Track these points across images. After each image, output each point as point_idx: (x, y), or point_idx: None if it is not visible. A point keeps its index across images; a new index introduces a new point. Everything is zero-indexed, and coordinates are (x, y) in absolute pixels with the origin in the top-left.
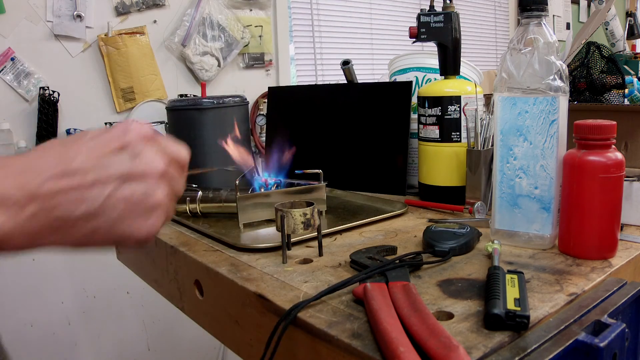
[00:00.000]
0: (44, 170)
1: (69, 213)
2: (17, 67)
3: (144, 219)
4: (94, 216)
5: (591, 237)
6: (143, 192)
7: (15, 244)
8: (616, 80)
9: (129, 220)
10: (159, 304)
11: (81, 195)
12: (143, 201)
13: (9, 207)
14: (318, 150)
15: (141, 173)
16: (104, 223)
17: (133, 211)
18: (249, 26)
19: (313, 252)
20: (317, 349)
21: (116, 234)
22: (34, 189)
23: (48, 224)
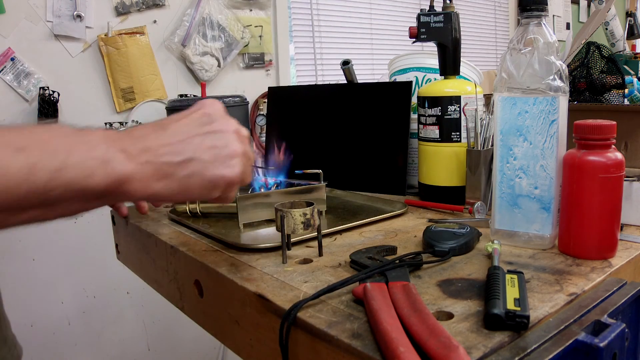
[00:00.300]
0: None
1: (171, 159)
2: (17, 67)
3: (227, 164)
4: (190, 161)
5: (591, 237)
6: (223, 143)
7: (135, 186)
8: (616, 80)
9: (216, 165)
10: (159, 304)
11: (178, 147)
12: (224, 149)
13: (129, 156)
14: (318, 150)
15: (220, 129)
16: (198, 167)
17: (218, 157)
18: (249, 26)
19: (313, 252)
20: (317, 349)
21: (208, 176)
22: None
23: (157, 170)
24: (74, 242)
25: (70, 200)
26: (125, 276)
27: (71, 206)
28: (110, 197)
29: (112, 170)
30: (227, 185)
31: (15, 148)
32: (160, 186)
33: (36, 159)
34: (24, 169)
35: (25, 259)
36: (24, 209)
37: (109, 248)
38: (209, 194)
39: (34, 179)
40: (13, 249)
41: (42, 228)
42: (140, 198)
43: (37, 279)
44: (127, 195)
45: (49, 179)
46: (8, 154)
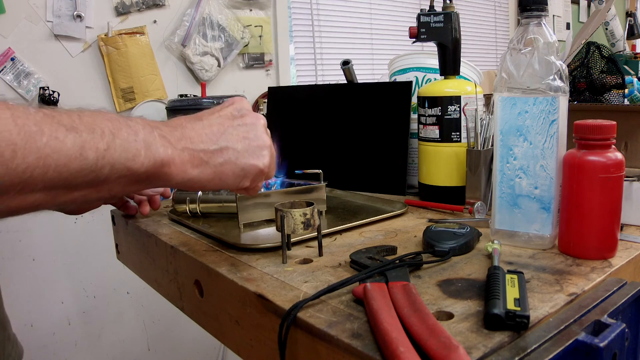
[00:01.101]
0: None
1: (207, 147)
2: (17, 67)
3: (258, 154)
4: (224, 150)
5: (591, 237)
6: (254, 135)
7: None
8: (616, 80)
9: (248, 154)
10: (159, 304)
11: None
12: (255, 140)
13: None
14: (318, 150)
15: (251, 122)
16: (232, 155)
17: (249, 147)
18: (249, 26)
19: (313, 252)
20: (317, 349)
21: (241, 164)
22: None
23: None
24: (74, 242)
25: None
26: (125, 276)
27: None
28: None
29: (154, 153)
30: (257, 174)
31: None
32: (196, 172)
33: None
34: (76, 147)
35: (25, 259)
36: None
37: (109, 248)
38: (241, 182)
39: (85, 157)
40: (13, 249)
41: (42, 228)
42: (179, 183)
43: (37, 279)
44: (166, 178)
45: (97, 158)
46: (62, 133)
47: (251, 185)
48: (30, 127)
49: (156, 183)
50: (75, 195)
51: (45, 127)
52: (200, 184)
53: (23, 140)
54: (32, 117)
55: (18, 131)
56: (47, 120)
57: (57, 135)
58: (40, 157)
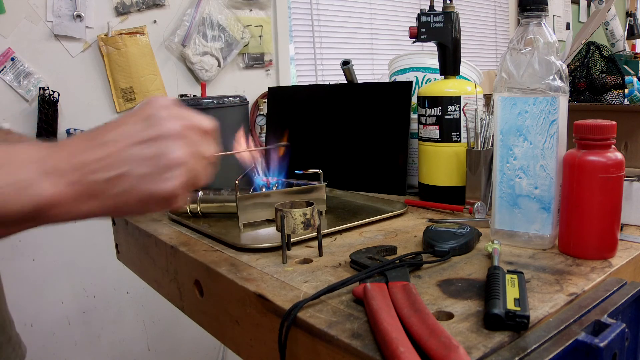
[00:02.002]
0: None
1: (101, 177)
2: (17, 67)
3: (164, 177)
4: (122, 177)
5: (591, 237)
6: (161, 152)
7: (59, 210)
8: (616, 80)
9: (151, 179)
10: (159, 304)
11: (109, 161)
12: (160, 159)
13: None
14: (318, 150)
15: (157, 135)
16: (130, 183)
17: (154, 170)
18: (249, 26)
19: (313, 252)
20: (317, 349)
21: (143, 193)
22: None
23: (86, 189)
24: (74, 242)
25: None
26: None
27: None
28: (32, 222)
29: (31, 197)
30: (164, 200)
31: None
32: (89, 206)
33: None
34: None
35: (25, 259)
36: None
37: (109, 248)
38: (148, 209)
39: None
40: (13, 249)
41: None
42: (67, 221)
43: (37, 279)
44: (51, 219)
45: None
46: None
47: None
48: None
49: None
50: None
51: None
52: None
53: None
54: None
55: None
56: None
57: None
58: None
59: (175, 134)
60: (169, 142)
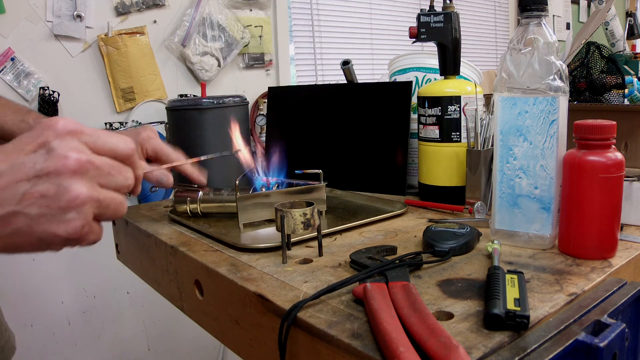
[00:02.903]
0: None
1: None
2: (17, 67)
3: (62, 216)
4: (13, 216)
5: (591, 237)
6: (56, 189)
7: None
8: (616, 80)
9: (48, 219)
10: (159, 304)
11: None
12: (58, 198)
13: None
14: (318, 150)
15: (54, 169)
16: (24, 223)
17: (50, 209)
18: (249, 26)
19: (313, 252)
20: (317, 349)
21: (38, 234)
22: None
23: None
24: None
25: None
26: (125, 276)
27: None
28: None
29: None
30: (64, 241)
31: None
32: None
33: None
34: None
35: (25, 259)
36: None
37: (109, 248)
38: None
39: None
40: None
41: None
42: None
43: (37, 279)
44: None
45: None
46: None
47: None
48: None
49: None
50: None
51: None
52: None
53: None
54: None
55: None
56: None
57: None
58: None
59: (74, 168)
60: (67, 178)
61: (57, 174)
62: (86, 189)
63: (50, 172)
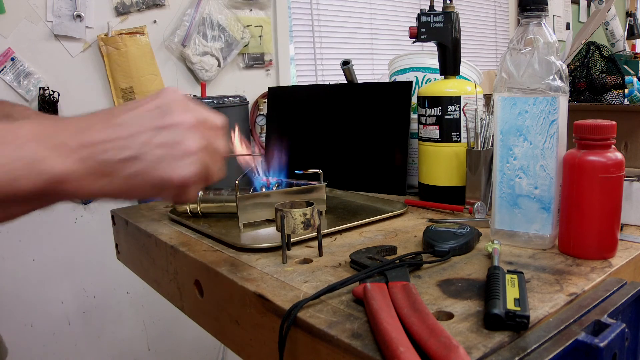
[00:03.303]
0: (93, 125)
1: (112, 157)
2: (17, 67)
3: (178, 163)
4: (134, 160)
5: (591, 237)
6: (175, 140)
7: (71, 186)
8: (616, 80)
9: (165, 164)
10: (159, 304)
11: (123, 142)
12: (175, 147)
13: (65, 152)
14: (318, 150)
15: (172, 124)
16: (143, 166)
17: (167, 156)
18: (249, 26)
19: (313, 252)
20: (317, 349)
21: (154, 177)
22: (88, 138)
23: (95, 168)
24: (74, 242)
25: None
26: (125, 276)
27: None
28: (44, 198)
29: (42, 171)
30: (178, 187)
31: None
32: (100, 185)
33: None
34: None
35: (25, 259)
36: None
37: (109, 248)
38: (158, 194)
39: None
40: (13, 249)
41: (42, 228)
42: (80, 197)
43: (37, 279)
44: (63, 195)
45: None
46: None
47: (175, 199)
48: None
49: (51, 201)
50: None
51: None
52: (107, 197)
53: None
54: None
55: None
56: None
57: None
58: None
59: (189, 125)
60: (183, 132)
61: (175, 127)
62: (198, 142)
63: (167, 125)
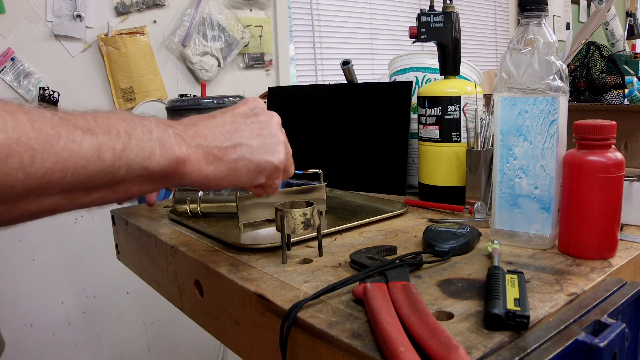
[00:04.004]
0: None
1: (221, 144)
2: (17, 67)
3: (273, 150)
4: (239, 146)
5: (591, 237)
6: (268, 131)
7: (189, 168)
8: (616, 80)
9: (262, 150)
10: (159, 304)
11: (226, 132)
12: (269, 137)
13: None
14: (318, 150)
15: (264, 120)
16: (246, 152)
17: (263, 144)
18: (249, 26)
19: (313, 252)
20: (317, 349)
21: (255, 160)
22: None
23: (207, 154)
24: (74, 242)
25: (133, 180)
26: (125, 276)
27: (133, 187)
28: (167, 177)
29: (169, 151)
30: (272, 170)
31: (84, 130)
32: (211, 169)
33: (102, 140)
34: (93, 149)
35: (25, 259)
36: (93, 189)
37: (109, 248)
38: (255, 178)
39: (102, 158)
40: (13, 249)
41: (42, 228)
42: (194, 180)
43: (37, 279)
44: (182, 176)
45: (114, 159)
46: (79, 135)
47: (267, 182)
48: (48, 130)
49: (172, 181)
50: (93, 196)
51: (62, 130)
52: (215, 181)
53: (41, 145)
54: (49, 121)
55: (36, 136)
56: (63, 123)
57: (75, 138)
58: (59, 161)
59: (275, 122)
60: (272, 125)
61: (267, 123)
62: (283, 135)
63: (261, 121)
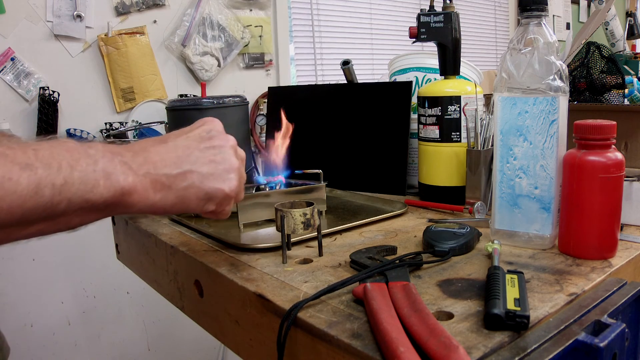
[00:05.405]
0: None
1: (170, 171)
2: (17, 67)
3: (224, 177)
4: (189, 173)
5: (591, 237)
6: (221, 158)
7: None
8: (616, 80)
9: (213, 178)
10: (159, 304)
11: (177, 159)
12: (222, 163)
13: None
14: (318, 150)
15: (218, 145)
16: (195, 179)
17: (215, 171)
18: (249, 26)
19: (313, 252)
20: (317, 349)
21: (205, 189)
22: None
23: (155, 181)
24: (74, 242)
25: (74, 213)
26: (125, 276)
27: (74, 219)
28: (111, 208)
29: (114, 182)
30: (222, 198)
31: (22, 166)
32: (158, 197)
33: (42, 175)
34: (31, 186)
35: (25, 259)
36: (29, 224)
37: (109, 248)
38: (205, 205)
39: (40, 194)
40: (13, 249)
41: None
42: (140, 209)
43: (37, 279)
44: (128, 206)
45: (53, 194)
46: (15, 172)
47: (217, 209)
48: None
49: (117, 211)
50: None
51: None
52: (163, 209)
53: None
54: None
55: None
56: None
57: (11, 176)
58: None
59: (230, 146)
60: (226, 151)
61: (221, 148)
62: (237, 162)
63: (215, 146)
